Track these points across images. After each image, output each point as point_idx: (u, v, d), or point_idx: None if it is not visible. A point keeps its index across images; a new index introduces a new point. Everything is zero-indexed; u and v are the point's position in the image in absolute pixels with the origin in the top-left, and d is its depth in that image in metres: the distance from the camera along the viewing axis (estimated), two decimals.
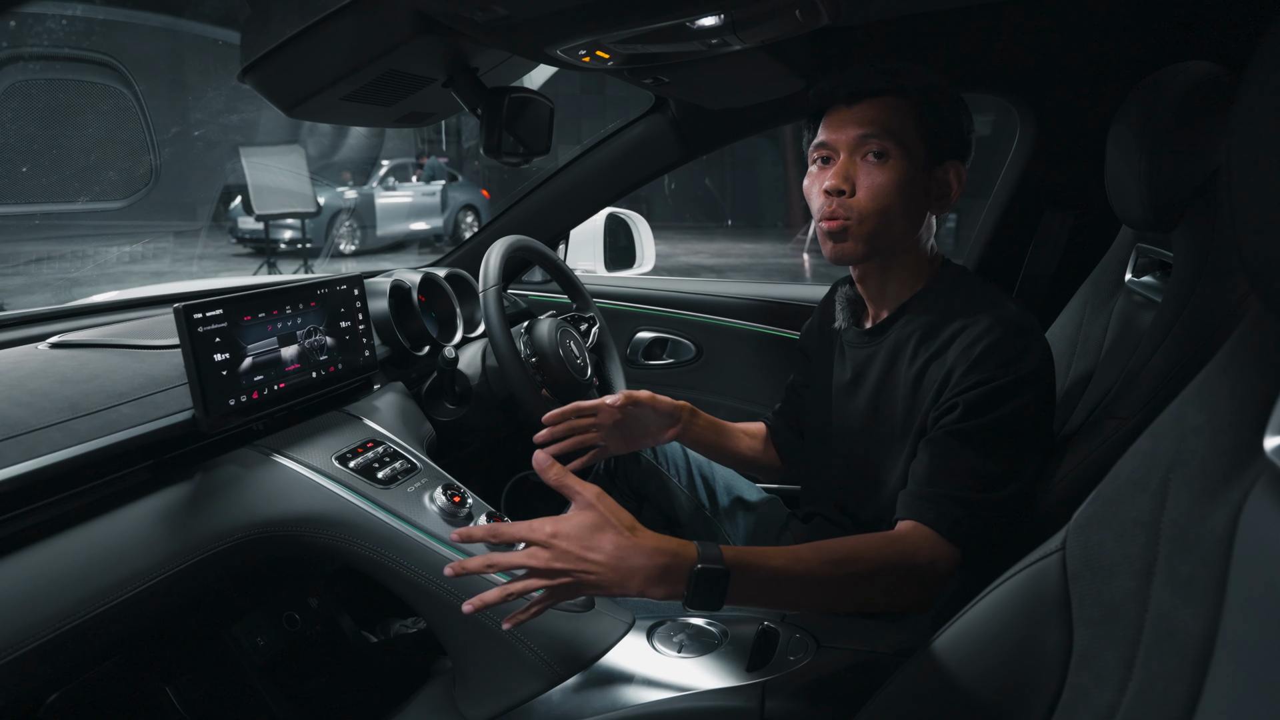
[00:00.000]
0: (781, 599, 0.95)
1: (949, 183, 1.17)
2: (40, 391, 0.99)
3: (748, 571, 0.90)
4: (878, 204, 1.13)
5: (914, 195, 1.15)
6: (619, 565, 0.87)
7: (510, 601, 0.89)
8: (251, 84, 1.22)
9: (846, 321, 1.31)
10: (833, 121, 1.17)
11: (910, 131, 1.13)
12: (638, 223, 2.62)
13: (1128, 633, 0.61)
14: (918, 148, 1.14)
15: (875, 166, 1.13)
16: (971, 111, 1.19)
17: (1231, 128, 0.49)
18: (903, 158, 1.13)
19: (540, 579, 0.88)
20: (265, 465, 1.13)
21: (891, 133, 1.12)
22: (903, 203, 1.14)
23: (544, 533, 0.88)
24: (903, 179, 1.13)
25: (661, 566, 0.87)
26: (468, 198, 12.81)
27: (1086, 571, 0.66)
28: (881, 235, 1.15)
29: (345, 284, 1.31)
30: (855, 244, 1.16)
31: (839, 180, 1.14)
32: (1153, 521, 0.61)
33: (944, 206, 1.19)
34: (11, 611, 0.82)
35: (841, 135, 1.15)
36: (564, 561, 0.87)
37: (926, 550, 1.02)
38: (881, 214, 1.14)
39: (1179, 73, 1.10)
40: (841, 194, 1.15)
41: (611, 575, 0.87)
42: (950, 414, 1.08)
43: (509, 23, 1.02)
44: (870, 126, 1.13)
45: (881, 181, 1.13)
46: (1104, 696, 0.62)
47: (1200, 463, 0.58)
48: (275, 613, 1.41)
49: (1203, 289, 1.03)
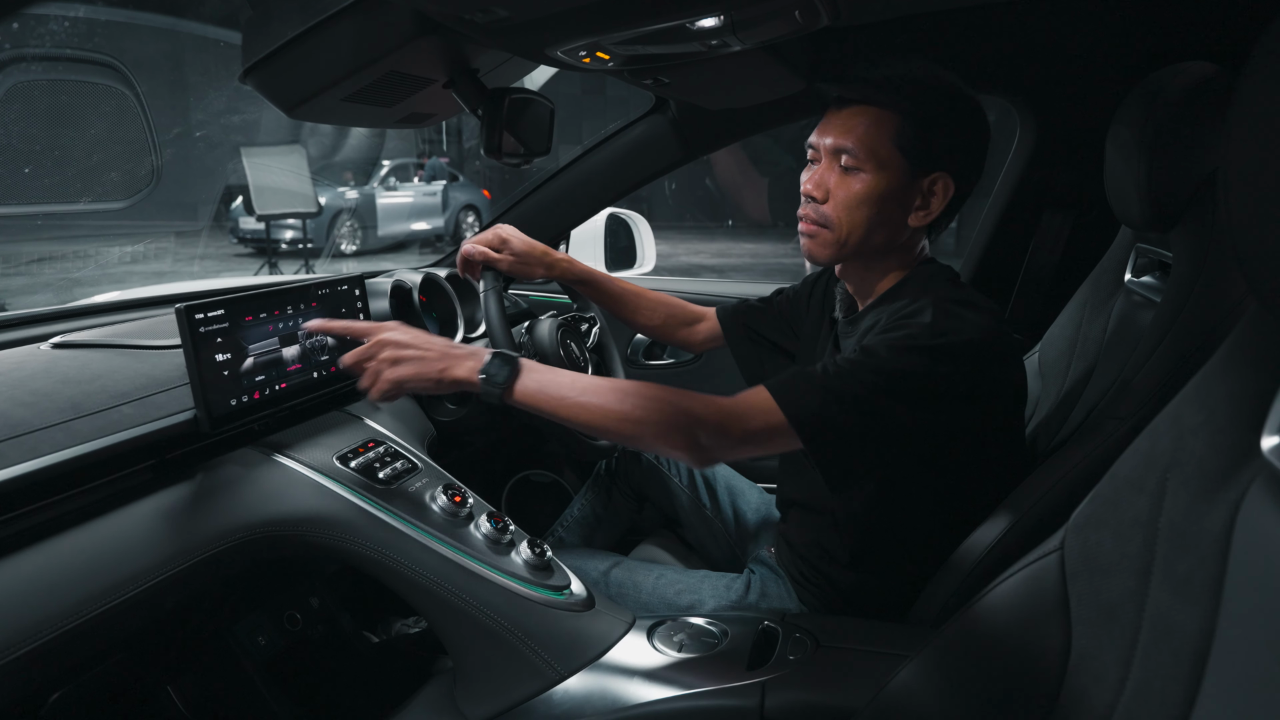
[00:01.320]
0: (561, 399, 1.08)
1: (933, 193, 1.15)
2: (42, 391, 1.00)
3: (535, 368, 1.11)
4: (848, 214, 1.14)
5: (888, 207, 1.13)
6: (444, 347, 1.12)
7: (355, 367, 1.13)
8: (253, 85, 1.22)
9: (841, 312, 1.31)
10: (823, 123, 1.18)
11: (886, 144, 1.11)
12: (638, 223, 2.62)
13: (1126, 632, 0.61)
14: (895, 161, 1.12)
15: (848, 177, 1.13)
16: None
17: (1229, 128, 0.50)
18: (875, 171, 1.12)
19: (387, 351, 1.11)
20: (267, 465, 1.13)
21: (867, 146, 1.11)
22: (874, 214, 1.13)
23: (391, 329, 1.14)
24: (874, 191, 1.12)
25: (471, 351, 1.12)
26: (469, 198, 12.81)
27: (1085, 571, 0.67)
28: (848, 243, 1.15)
29: (347, 284, 1.31)
30: (822, 248, 1.18)
31: (813, 186, 1.16)
32: (1150, 521, 0.61)
33: (925, 218, 1.15)
34: (14, 611, 0.82)
35: (822, 140, 1.16)
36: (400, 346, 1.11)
37: (752, 405, 1.03)
38: (849, 224, 1.14)
39: (1178, 73, 1.10)
40: (814, 200, 1.16)
41: (435, 354, 1.11)
42: (847, 354, 1.06)
43: (510, 24, 1.02)
44: (845, 138, 1.13)
45: (852, 193, 1.13)
46: (1102, 695, 0.62)
47: (1198, 462, 0.58)
48: (276, 612, 1.41)
49: (1201, 289, 1.03)
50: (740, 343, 1.56)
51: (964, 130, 1.14)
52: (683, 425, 1.03)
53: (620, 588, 1.35)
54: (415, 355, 1.11)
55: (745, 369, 1.56)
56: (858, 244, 1.15)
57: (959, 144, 1.14)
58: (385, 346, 1.11)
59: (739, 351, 1.56)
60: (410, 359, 1.10)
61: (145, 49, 7.65)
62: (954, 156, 1.14)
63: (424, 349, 1.11)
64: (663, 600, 1.33)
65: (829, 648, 1.04)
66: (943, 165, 1.13)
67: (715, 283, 2.48)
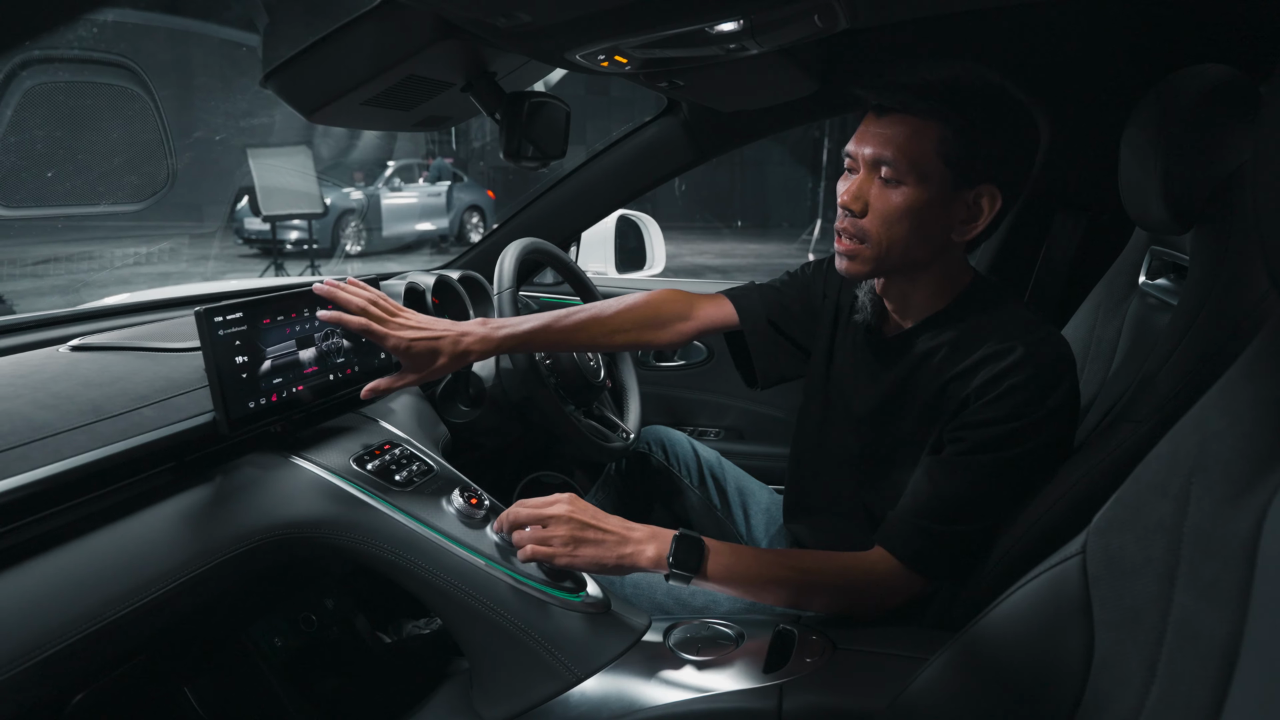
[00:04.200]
0: (747, 583, 1.10)
1: (980, 207, 1.09)
2: (64, 394, 1.00)
3: (721, 551, 1.09)
4: (886, 229, 1.08)
5: (930, 221, 1.08)
6: (621, 529, 1.10)
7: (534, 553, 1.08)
8: (273, 89, 1.23)
9: (871, 318, 1.25)
10: (861, 131, 1.11)
11: (930, 156, 1.05)
12: (648, 224, 2.63)
13: (1150, 636, 0.61)
14: (938, 173, 1.05)
15: (888, 190, 1.07)
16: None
17: (1260, 128, 0.49)
18: (917, 184, 1.06)
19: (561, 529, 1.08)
20: (284, 467, 1.13)
21: (908, 157, 1.05)
22: (915, 229, 1.08)
23: (564, 502, 1.10)
24: (916, 205, 1.06)
25: (651, 533, 1.10)
26: (473, 198, 12.84)
27: (1107, 575, 0.67)
28: (888, 259, 1.11)
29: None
30: (862, 264, 1.13)
31: (851, 199, 1.10)
32: (1174, 525, 0.61)
33: (969, 232, 1.10)
34: (41, 612, 0.82)
35: (861, 150, 1.10)
36: (579, 527, 1.08)
37: (890, 578, 1.10)
38: (889, 239, 1.09)
39: (1196, 75, 1.10)
40: (851, 213, 1.11)
41: (615, 538, 1.08)
42: (957, 444, 1.08)
43: (531, 28, 1.03)
44: (886, 149, 1.06)
45: (892, 206, 1.07)
46: (1126, 699, 0.62)
47: (1223, 467, 0.58)
48: (292, 614, 1.41)
49: (1220, 291, 1.03)
50: (761, 344, 1.43)
51: (1012, 140, 1.08)
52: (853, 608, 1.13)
53: (634, 588, 1.35)
54: (595, 538, 1.08)
55: (761, 366, 1.43)
56: (898, 260, 1.11)
57: (1008, 155, 1.08)
58: (562, 523, 1.08)
59: (759, 349, 1.43)
60: (590, 541, 1.08)
61: (163, 52, 7.67)
62: (1002, 169, 1.07)
63: (603, 530, 1.09)
64: (677, 601, 1.33)
65: (846, 650, 1.04)
66: (989, 177, 1.07)
67: (728, 283, 2.48)
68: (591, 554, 1.07)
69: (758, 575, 1.09)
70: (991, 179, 1.07)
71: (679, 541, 1.07)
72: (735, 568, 1.08)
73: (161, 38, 7.59)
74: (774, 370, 1.43)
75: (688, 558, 1.07)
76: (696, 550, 1.07)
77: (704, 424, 2.27)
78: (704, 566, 1.07)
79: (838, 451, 1.30)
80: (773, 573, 1.10)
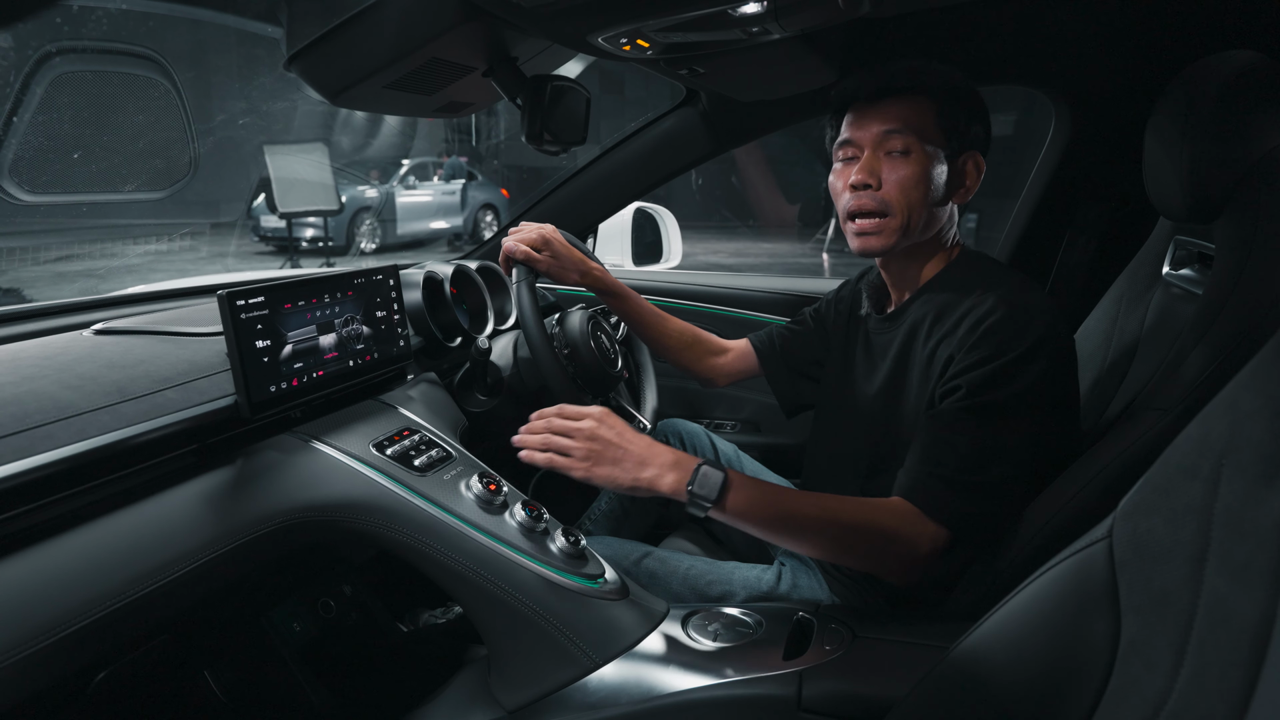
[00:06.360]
0: (770, 521, 1.08)
1: (969, 172, 1.22)
2: (88, 375, 1.01)
3: (744, 483, 1.07)
4: (905, 196, 1.17)
5: (938, 186, 1.19)
6: (645, 451, 1.09)
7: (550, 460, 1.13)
8: (297, 72, 1.23)
9: (870, 308, 1.34)
10: (856, 119, 1.21)
11: (931, 127, 1.17)
12: (665, 217, 2.63)
13: (1180, 619, 0.61)
14: (939, 142, 1.18)
15: (899, 160, 1.18)
16: (993, 109, 1.23)
17: None
18: (924, 152, 1.17)
19: (583, 441, 1.11)
20: (305, 451, 1.14)
21: (914, 129, 1.17)
22: (928, 194, 1.18)
23: (594, 418, 1.12)
24: (927, 171, 1.17)
25: (675, 460, 1.09)
26: (487, 196, 12.86)
27: (1135, 559, 0.66)
28: (909, 226, 1.19)
29: (381, 274, 1.32)
30: (887, 237, 1.20)
31: (865, 175, 1.19)
32: (1205, 507, 0.60)
33: (965, 195, 1.22)
34: (66, 588, 0.83)
35: (865, 132, 1.20)
36: (602, 444, 1.10)
37: (909, 526, 1.08)
38: (909, 205, 1.18)
39: (1222, 61, 1.09)
40: (868, 188, 1.19)
41: (637, 456, 1.09)
42: (953, 395, 1.10)
43: (554, 9, 1.03)
44: (894, 123, 1.17)
45: (906, 174, 1.17)
46: (1155, 683, 0.62)
47: (1255, 448, 0.57)
48: (310, 599, 1.42)
49: (1247, 279, 1.02)
50: (779, 379, 1.58)
51: (982, 109, 1.22)
52: (877, 560, 1.10)
53: (652, 577, 1.35)
54: (614, 457, 1.09)
55: (783, 399, 1.59)
56: (920, 226, 1.20)
57: (983, 122, 1.22)
58: (586, 436, 1.11)
59: (778, 385, 1.58)
60: (609, 459, 1.09)
61: (185, 42, 7.71)
62: (980, 135, 1.22)
63: (625, 450, 1.10)
64: (694, 590, 1.33)
65: (866, 639, 1.03)
66: (975, 145, 1.21)
67: (743, 277, 2.47)
68: (606, 472, 1.09)
69: (779, 511, 1.08)
70: (975, 145, 1.22)
71: (701, 471, 1.07)
72: (757, 502, 1.07)
73: (183, 28, 7.64)
74: (796, 401, 1.58)
75: (709, 487, 1.06)
76: (719, 482, 1.06)
77: (721, 416, 2.27)
78: (725, 498, 1.06)
79: (848, 449, 1.32)
80: (795, 508, 1.09)
